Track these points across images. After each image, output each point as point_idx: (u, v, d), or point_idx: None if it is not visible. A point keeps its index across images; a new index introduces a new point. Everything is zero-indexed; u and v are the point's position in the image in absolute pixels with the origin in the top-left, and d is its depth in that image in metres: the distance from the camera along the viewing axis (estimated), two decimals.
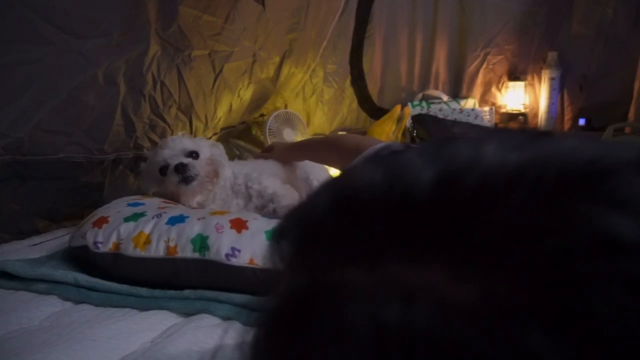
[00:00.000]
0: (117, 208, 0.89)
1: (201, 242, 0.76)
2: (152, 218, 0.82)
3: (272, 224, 0.80)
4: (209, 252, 0.76)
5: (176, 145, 1.02)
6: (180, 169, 0.97)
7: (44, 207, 1.09)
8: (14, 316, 0.67)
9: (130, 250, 0.78)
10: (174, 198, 1.00)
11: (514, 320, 0.13)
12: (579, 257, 0.14)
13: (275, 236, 0.21)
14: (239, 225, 0.79)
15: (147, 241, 0.78)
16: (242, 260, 0.74)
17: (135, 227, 0.81)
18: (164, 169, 0.99)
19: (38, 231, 1.08)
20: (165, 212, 0.84)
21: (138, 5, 1.04)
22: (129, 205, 0.90)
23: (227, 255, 0.75)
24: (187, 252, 0.76)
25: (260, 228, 0.79)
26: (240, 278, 0.74)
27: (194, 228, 0.79)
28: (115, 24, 1.00)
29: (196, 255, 0.76)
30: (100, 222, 0.84)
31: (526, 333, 0.13)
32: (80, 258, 0.84)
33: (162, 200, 0.99)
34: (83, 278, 0.76)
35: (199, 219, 0.81)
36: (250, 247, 0.76)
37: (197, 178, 0.97)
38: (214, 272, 0.75)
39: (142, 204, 0.92)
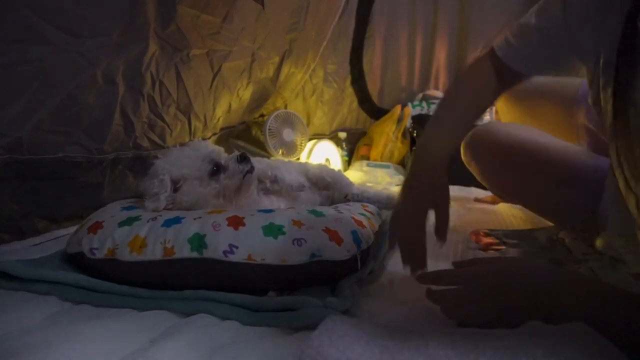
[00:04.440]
0: (112, 212, 0.88)
1: (199, 241, 0.76)
2: (147, 221, 0.82)
3: (269, 219, 0.80)
4: (207, 250, 0.75)
5: (202, 147, 0.99)
6: (246, 157, 0.98)
7: (44, 207, 1.09)
8: (14, 316, 0.67)
9: (126, 255, 0.78)
10: (228, 196, 0.98)
11: None
12: None
13: None
14: (235, 222, 0.79)
15: (143, 244, 0.78)
16: (239, 256, 0.74)
17: (130, 231, 0.80)
18: (217, 167, 0.97)
19: (38, 231, 1.08)
20: (161, 215, 0.84)
21: (137, 5, 1.04)
22: (124, 209, 0.90)
23: (224, 252, 0.74)
24: (184, 252, 0.76)
25: (257, 224, 0.79)
26: (238, 274, 0.74)
27: (190, 228, 0.78)
28: (114, 24, 1.00)
29: (194, 254, 0.75)
30: (95, 228, 0.83)
31: None
32: (78, 263, 0.84)
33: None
34: (83, 278, 0.76)
35: (195, 219, 0.80)
36: (248, 243, 0.75)
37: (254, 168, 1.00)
38: (213, 270, 0.75)
39: (137, 207, 0.92)
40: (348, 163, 2.36)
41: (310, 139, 2.10)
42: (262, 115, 1.97)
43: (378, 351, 0.45)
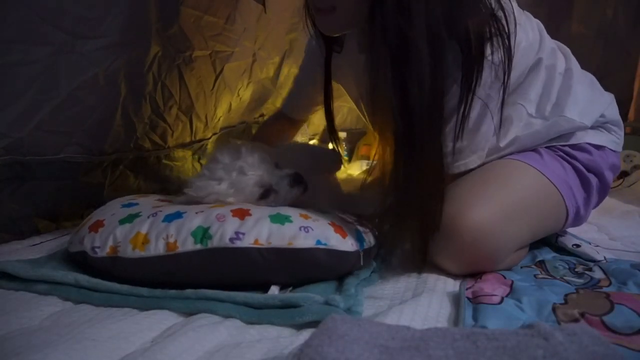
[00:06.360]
0: (112, 210, 0.88)
1: (203, 234, 0.76)
2: (148, 217, 0.82)
3: (276, 210, 0.80)
4: (212, 241, 0.75)
5: (250, 169, 0.90)
6: (300, 179, 0.90)
7: (44, 207, 1.09)
8: (14, 316, 0.67)
9: (129, 252, 0.77)
10: None
11: None
12: None
13: None
14: (241, 213, 0.79)
15: (146, 241, 0.78)
16: (246, 242, 0.74)
17: (131, 228, 0.80)
18: (267, 192, 0.91)
19: (38, 231, 1.08)
20: (161, 211, 0.83)
21: (139, 6, 1.04)
22: (123, 206, 0.90)
23: (231, 239, 0.74)
24: (188, 245, 0.76)
25: (264, 214, 0.79)
26: (246, 260, 0.74)
27: (193, 222, 0.78)
28: (116, 25, 1.00)
29: (198, 246, 0.75)
30: (96, 226, 0.83)
31: None
32: (80, 263, 0.84)
33: (158, 198, 0.98)
34: (83, 278, 0.76)
35: (197, 213, 0.80)
36: (255, 229, 0.75)
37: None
38: (219, 259, 0.75)
39: (136, 204, 0.91)
40: (348, 163, 2.36)
41: (310, 139, 2.10)
42: (262, 115, 1.96)
43: (377, 352, 0.45)
